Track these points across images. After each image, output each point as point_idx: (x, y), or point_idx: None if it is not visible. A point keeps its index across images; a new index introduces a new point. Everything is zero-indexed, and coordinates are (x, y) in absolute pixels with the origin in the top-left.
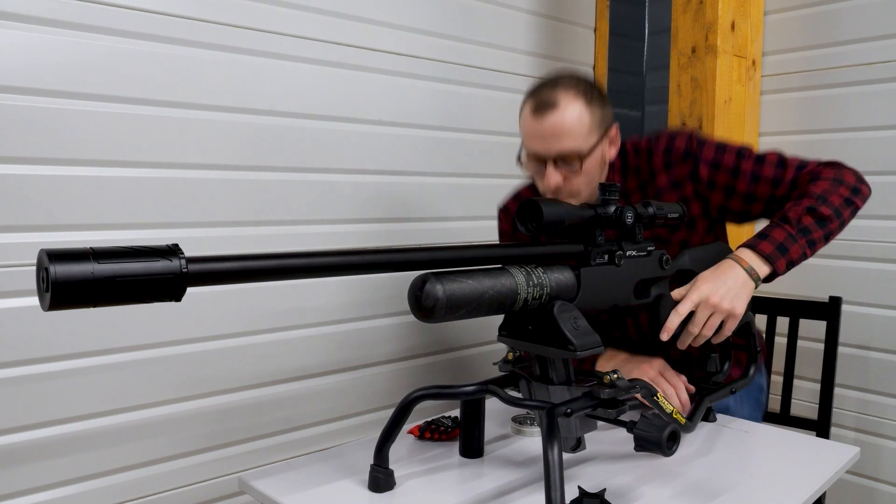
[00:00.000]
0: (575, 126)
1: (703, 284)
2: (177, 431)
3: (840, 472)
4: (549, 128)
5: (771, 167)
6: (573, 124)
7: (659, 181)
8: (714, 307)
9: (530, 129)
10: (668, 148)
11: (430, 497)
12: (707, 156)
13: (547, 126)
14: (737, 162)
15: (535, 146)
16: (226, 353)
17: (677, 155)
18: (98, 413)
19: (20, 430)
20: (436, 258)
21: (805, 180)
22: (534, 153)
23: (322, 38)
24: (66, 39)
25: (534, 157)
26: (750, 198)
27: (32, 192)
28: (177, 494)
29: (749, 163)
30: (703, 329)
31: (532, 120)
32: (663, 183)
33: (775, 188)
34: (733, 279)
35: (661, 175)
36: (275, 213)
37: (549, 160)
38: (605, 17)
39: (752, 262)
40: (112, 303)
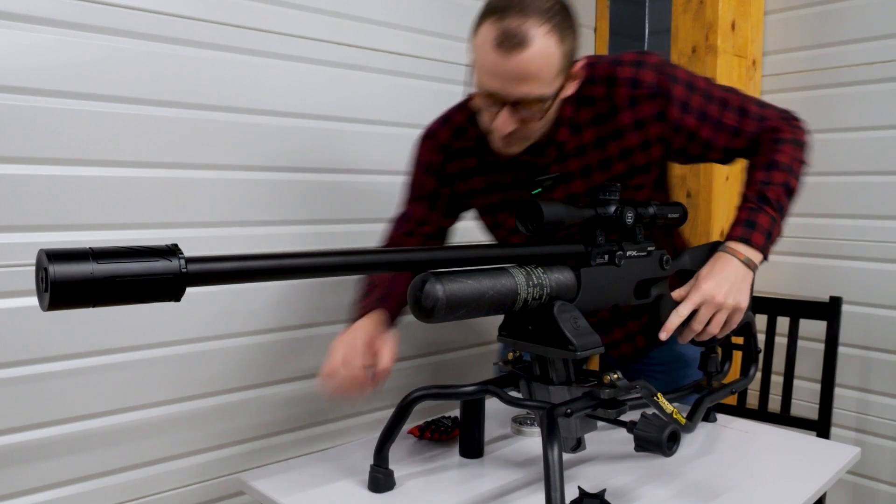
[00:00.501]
0: (544, 69)
1: (704, 283)
2: (177, 431)
3: (840, 472)
4: (515, 68)
5: (733, 115)
6: (542, 67)
7: (622, 118)
8: (719, 305)
9: (490, 64)
10: (634, 80)
11: (430, 497)
12: (677, 94)
13: (512, 66)
14: (704, 105)
15: (492, 84)
16: (226, 353)
17: (645, 91)
18: (98, 413)
19: (20, 430)
20: (436, 258)
21: (768, 141)
22: (488, 90)
23: (322, 38)
24: (66, 39)
25: (486, 94)
26: (709, 145)
27: (32, 192)
28: (177, 494)
29: (714, 107)
30: (710, 326)
31: (494, 54)
32: (627, 120)
33: (734, 138)
34: (733, 273)
35: (625, 112)
36: (274, 213)
37: (506, 102)
38: (606, 17)
39: (747, 254)
40: (111, 303)
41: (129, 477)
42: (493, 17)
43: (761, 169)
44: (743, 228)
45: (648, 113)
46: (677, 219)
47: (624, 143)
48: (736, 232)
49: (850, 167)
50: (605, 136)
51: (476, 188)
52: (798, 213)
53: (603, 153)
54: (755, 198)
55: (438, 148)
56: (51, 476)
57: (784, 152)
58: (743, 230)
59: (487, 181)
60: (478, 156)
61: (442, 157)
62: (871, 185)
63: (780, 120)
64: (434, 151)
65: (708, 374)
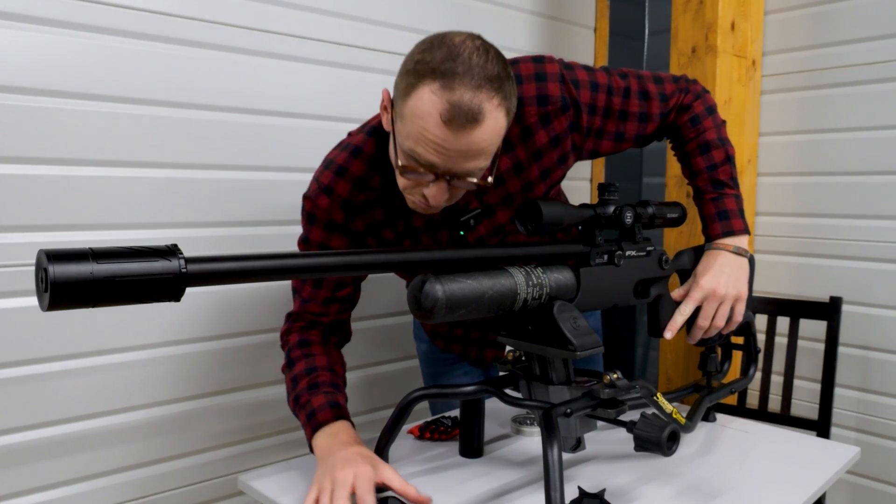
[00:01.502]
0: (493, 143)
1: (701, 279)
2: (176, 431)
3: (840, 472)
4: (464, 146)
5: (637, 101)
6: (492, 142)
7: (538, 139)
8: (721, 298)
9: (435, 138)
10: (540, 97)
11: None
12: (584, 100)
13: (462, 144)
14: (609, 101)
15: (432, 159)
16: (226, 353)
17: (555, 106)
18: (98, 413)
19: (20, 430)
20: (436, 258)
21: (685, 123)
22: (427, 163)
23: (322, 38)
24: (66, 39)
25: (418, 164)
26: (620, 137)
27: (32, 192)
28: (177, 494)
29: (618, 99)
30: (715, 320)
31: (441, 129)
32: (542, 140)
33: (643, 124)
34: (728, 265)
35: (539, 132)
36: (274, 213)
37: (442, 176)
38: (605, 17)
39: (734, 243)
40: (111, 303)
41: (129, 477)
42: (437, 83)
43: (698, 154)
44: (719, 223)
45: (561, 128)
46: (677, 218)
47: (543, 163)
48: (715, 230)
49: (850, 167)
50: (522, 161)
51: (386, 239)
52: (798, 213)
53: (523, 178)
54: (711, 187)
55: (339, 205)
56: (51, 476)
57: (708, 128)
58: (720, 225)
59: (397, 231)
60: (383, 206)
61: (345, 215)
62: (871, 185)
63: (679, 92)
64: (334, 209)
65: (708, 374)
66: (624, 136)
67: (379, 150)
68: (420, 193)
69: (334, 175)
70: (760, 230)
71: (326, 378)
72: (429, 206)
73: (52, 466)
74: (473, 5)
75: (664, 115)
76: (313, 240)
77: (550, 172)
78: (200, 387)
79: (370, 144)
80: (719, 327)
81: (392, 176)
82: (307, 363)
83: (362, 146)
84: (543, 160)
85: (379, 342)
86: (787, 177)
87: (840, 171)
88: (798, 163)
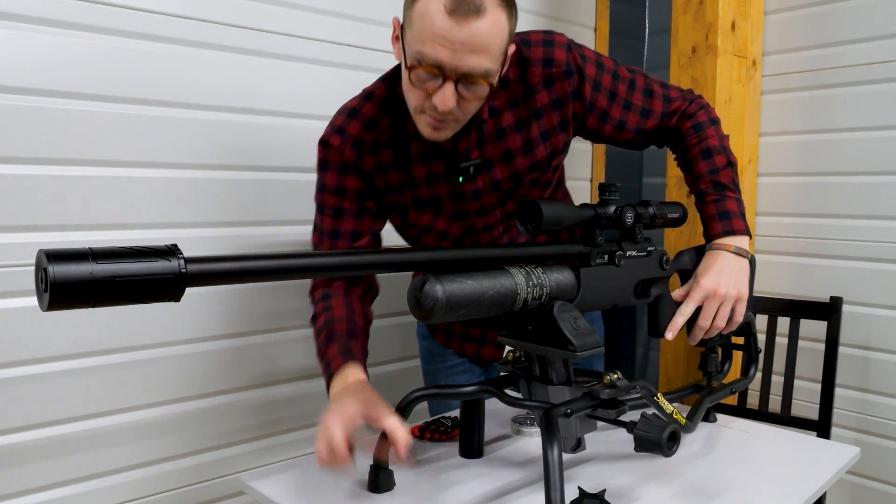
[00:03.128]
0: (495, 42)
1: (702, 279)
2: (177, 431)
3: (840, 472)
4: (468, 37)
5: (641, 95)
6: (494, 39)
7: (539, 98)
8: (721, 297)
9: (441, 31)
10: (546, 59)
11: (430, 497)
12: (590, 73)
13: (465, 34)
14: (613, 85)
15: (439, 55)
16: (226, 353)
17: (559, 69)
18: (98, 413)
19: (20, 430)
20: (436, 258)
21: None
22: (434, 62)
23: (322, 38)
24: (66, 39)
25: (428, 67)
26: (621, 125)
27: (32, 192)
28: (177, 494)
29: (623, 87)
30: (716, 321)
31: (446, 20)
32: (544, 101)
33: (644, 119)
34: (729, 266)
35: (542, 92)
36: (274, 213)
37: (450, 77)
38: (606, 17)
39: (735, 243)
40: (111, 303)
41: (129, 477)
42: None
43: (700, 160)
44: (720, 223)
45: (563, 92)
46: (677, 218)
47: (543, 124)
48: (716, 229)
49: (850, 167)
50: (524, 118)
51: (391, 184)
52: (798, 213)
53: (524, 136)
54: (712, 189)
55: (351, 143)
56: (51, 476)
57: (710, 136)
58: (721, 224)
59: (400, 178)
60: (392, 150)
61: (356, 153)
62: (871, 185)
63: (683, 100)
64: (346, 148)
65: (708, 374)
66: (625, 126)
67: (390, 94)
68: (430, 106)
69: (347, 116)
70: (760, 230)
71: (343, 328)
72: (438, 121)
73: (52, 466)
74: None
75: (665, 115)
76: (329, 185)
77: (551, 135)
78: (201, 387)
79: (381, 88)
80: (720, 328)
81: (401, 119)
82: (326, 316)
83: (374, 90)
84: (543, 120)
85: (379, 342)
86: (788, 177)
87: (840, 171)
88: (798, 163)
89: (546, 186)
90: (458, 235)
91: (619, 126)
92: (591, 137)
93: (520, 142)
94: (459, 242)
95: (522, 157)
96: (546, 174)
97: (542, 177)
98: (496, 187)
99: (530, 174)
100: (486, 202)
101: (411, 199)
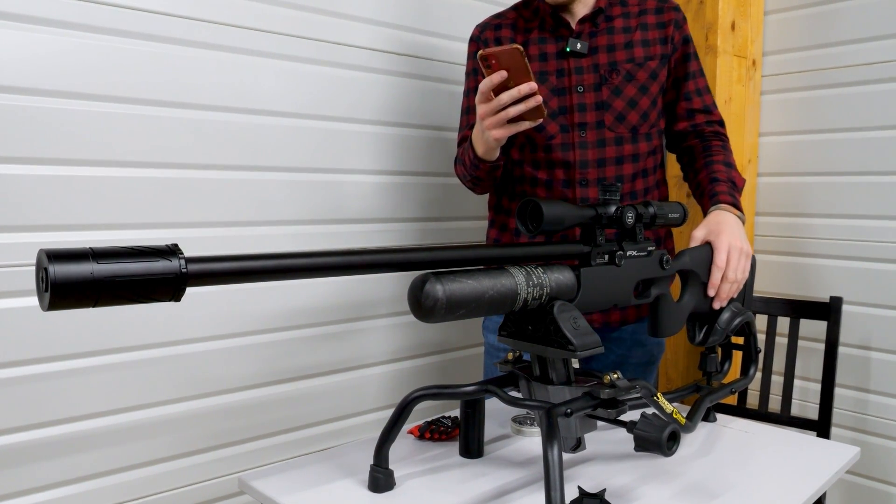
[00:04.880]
0: None
1: (723, 235)
2: (177, 431)
3: (840, 472)
4: None
5: (704, 81)
6: None
7: (648, 18)
8: (740, 250)
9: None
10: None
11: (430, 497)
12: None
13: None
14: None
15: None
16: (226, 353)
17: (670, 5)
18: (98, 413)
19: (20, 430)
20: (436, 258)
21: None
22: None
23: (322, 38)
24: (66, 39)
25: None
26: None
27: (32, 192)
28: (177, 494)
29: (696, 63)
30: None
31: None
32: (651, 20)
33: (682, 101)
34: (738, 225)
35: (651, 14)
36: (275, 213)
37: None
38: None
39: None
40: (111, 303)
41: (129, 477)
42: None
43: (721, 164)
44: (729, 195)
45: (669, 18)
46: (677, 219)
47: (646, 34)
48: (726, 198)
49: (850, 167)
50: (632, 26)
51: None
52: (798, 213)
53: (628, 37)
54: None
55: (480, 26)
56: (51, 476)
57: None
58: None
59: None
60: (511, 29)
61: (478, 32)
62: (871, 185)
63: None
64: (476, 31)
65: (708, 374)
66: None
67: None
68: None
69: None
70: (760, 230)
71: None
72: None
73: (52, 466)
74: (473, 5)
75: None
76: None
77: (650, 44)
78: (200, 387)
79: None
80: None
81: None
82: None
83: None
84: (647, 32)
85: (379, 342)
86: (788, 177)
87: (840, 171)
88: (798, 163)
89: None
90: (554, 109)
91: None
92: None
93: (623, 40)
94: (555, 115)
95: (622, 51)
96: (640, 71)
97: (637, 72)
98: (595, 68)
99: (626, 65)
100: (585, 80)
101: None
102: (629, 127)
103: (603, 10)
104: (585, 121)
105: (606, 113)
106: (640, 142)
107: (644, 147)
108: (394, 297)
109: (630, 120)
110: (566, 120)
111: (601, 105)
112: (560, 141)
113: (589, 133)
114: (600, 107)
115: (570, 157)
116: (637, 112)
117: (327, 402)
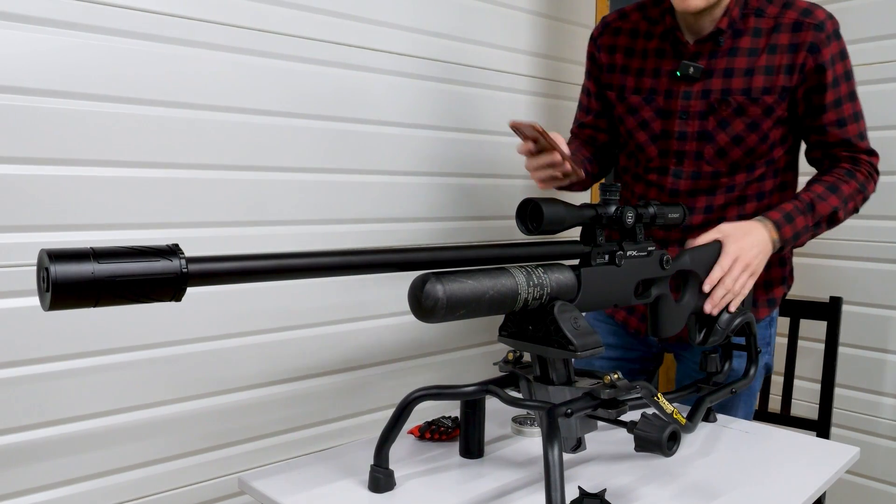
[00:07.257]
0: None
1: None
2: (177, 431)
3: (840, 472)
4: None
5: (835, 113)
6: None
7: (780, 37)
8: (747, 265)
9: None
10: (807, 10)
11: (430, 497)
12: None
13: None
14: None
15: None
16: (226, 353)
17: (813, 21)
18: (98, 413)
19: (20, 430)
20: (436, 258)
21: (845, 170)
22: None
23: (322, 38)
24: (66, 39)
25: None
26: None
27: (32, 192)
28: (177, 494)
29: (845, 87)
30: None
31: None
32: (783, 41)
33: (815, 134)
34: (762, 242)
35: (786, 33)
36: (275, 213)
37: None
38: None
39: (775, 236)
40: (112, 303)
41: (129, 477)
42: None
43: (824, 186)
44: (782, 217)
45: (804, 39)
46: (677, 219)
47: (773, 59)
48: (775, 215)
49: None
50: (759, 48)
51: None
52: None
53: (751, 62)
54: (806, 201)
55: (601, 25)
56: (51, 476)
57: (851, 186)
58: (781, 218)
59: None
60: (629, 37)
61: (598, 31)
62: None
63: (866, 156)
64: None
65: (708, 374)
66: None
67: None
68: None
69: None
70: None
71: None
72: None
73: (52, 466)
74: (473, 5)
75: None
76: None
77: (774, 72)
78: (200, 387)
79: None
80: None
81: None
82: None
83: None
84: (774, 56)
85: (379, 342)
86: None
87: None
88: None
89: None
90: (656, 132)
91: (819, 108)
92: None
93: (745, 65)
94: (656, 139)
95: (740, 78)
96: (753, 106)
97: (749, 107)
98: (706, 94)
99: (739, 96)
100: (692, 106)
101: (634, 82)
102: (729, 162)
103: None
104: (684, 149)
105: (708, 145)
106: (738, 173)
107: (741, 178)
108: (394, 297)
109: (732, 156)
110: (666, 145)
111: (704, 136)
112: (657, 165)
113: (686, 163)
114: (703, 137)
115: (664, 183)
116: (741, 149)
117: (327, 402)
